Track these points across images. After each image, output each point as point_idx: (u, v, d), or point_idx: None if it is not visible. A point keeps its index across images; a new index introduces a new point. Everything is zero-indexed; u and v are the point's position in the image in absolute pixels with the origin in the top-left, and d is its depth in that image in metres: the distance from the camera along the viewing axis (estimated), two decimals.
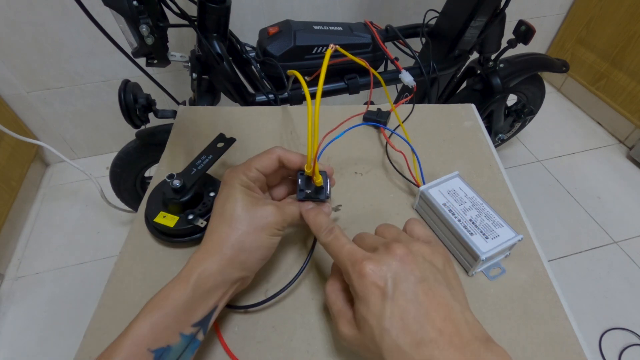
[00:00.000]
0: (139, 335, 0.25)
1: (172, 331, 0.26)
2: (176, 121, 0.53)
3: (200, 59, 0.75)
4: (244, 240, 0.29)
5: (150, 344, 0.25)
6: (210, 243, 0.30)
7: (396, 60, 0.85)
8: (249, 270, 0.31)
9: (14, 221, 1.18)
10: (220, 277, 0.28)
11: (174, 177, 0.37)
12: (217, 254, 0.29)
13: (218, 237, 0.30)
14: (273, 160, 0.34)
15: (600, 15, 1.47)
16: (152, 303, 0.27)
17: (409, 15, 1.33)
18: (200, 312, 0.28)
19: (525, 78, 1.11)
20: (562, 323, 0.33)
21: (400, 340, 0.23)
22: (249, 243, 0.30)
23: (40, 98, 1.22)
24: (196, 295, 0.27)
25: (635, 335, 0.98)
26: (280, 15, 1.20)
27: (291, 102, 0.85)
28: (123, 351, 0.24)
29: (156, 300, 0.27)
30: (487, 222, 0.37)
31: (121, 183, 1.01)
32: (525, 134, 1.52)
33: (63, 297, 1.06)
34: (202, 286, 0.28)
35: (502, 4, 0.88)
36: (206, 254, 0.29)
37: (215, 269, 0.28)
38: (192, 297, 0.27)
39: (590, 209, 1.27)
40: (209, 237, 0.30)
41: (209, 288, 0.28)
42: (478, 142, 0.50)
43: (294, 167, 0.34)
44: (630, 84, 1.40)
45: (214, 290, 0.28)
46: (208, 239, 0.30)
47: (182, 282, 0.27)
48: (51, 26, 1.07)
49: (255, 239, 0.30)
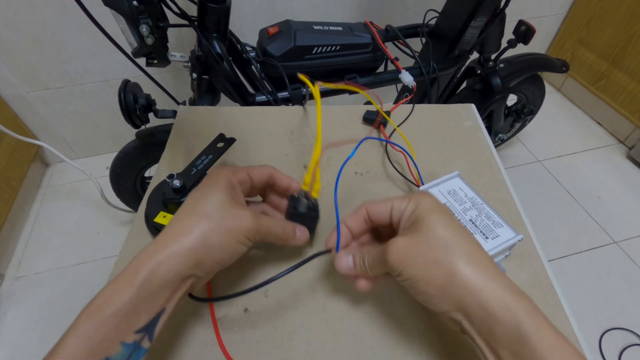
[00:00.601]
0: (71, 352, 0.22)
1: (112, 341, 0.23)
2: (176, 121, 0.53)
3: (200, 59, 0.75)
4: (209, 237, 0.27)
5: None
6: (168, 234, 0.27)
7: (396, 60, 0.85)
8: (203, 271, 0.28)
9: (14, 221, 1.18)
10: (171, 274, 0.25)
11: (174, 177, 0.37)
12: (174, 245, 0.26)
13: (180, 227, 0.27)
14: (264, 173, 0.33)
15: (600, 15, 1.47)
16: (88, 310, 0.23)
17: (409, 15, 1.33)
18: (145, 317, 0.25)
19: (525, 78, 1.11)
20: (562, 323, 0.33)
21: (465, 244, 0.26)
22: (213, 241, 0.27)
23: (40, 98, 1.22)
24: (141, 297, 0.24)
25: (635, 335, 0.98)
26: (280, 15, 1.20)
27: (291, 102, 0.85)
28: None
29: (93, 307, 0.24)
30: (487, 222, 0.37)
31: (121, 183, 1.01)
32: (525, 134, 1.52)
33: (63, 297, 1.06)
34: (149, 285, 0.25)
35: (502, 4, 0.88)
36: (160, 246, 0.26)
37: (168, 263, 0.25)
38: (137, 299, 0.24)
39: (590, 209, 1.27)
40: (167, 227, 0.28)
41: (157, 287, 0.25)
42: (478, 142, 0.50)
43: (281, 186, 0.34)
44: (630, 84, 1.40)
45: (162, 290, 0.25)
46: (166, 230, 0.27)
47: (125, 281, 0.24)
48: (51, 26, 1.07)
49: (220, 239, 0.28)
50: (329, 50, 0.84)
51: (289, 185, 0.34)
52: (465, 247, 0.26)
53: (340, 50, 0.85)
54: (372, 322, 0.33)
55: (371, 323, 0.33)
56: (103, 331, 0.23)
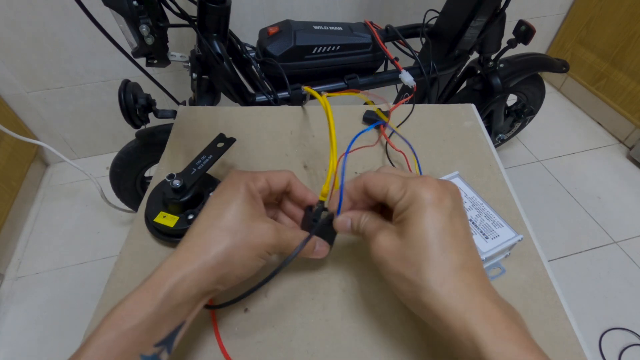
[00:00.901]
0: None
1: (131, 354, 0.23)
2: (176, 121, 0.53)
3: (200, 59, 0.75)
4: (233, 253, 0.27)
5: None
6: (191, 249, 0.26)
7: (396, 60, 0.85)
8: (224, 286, 0.28)
9: (14, 221, 1.18)
10: (195, 289, 0.25)
11: (174, 177, 0.37)
12: (198, 260, 0.25)
13: (205, 242, 0.26)
14: (283, 180, 0.32)
15: (600, 15, 1.47)
16: (109, 321, 0.23)
17: (409, 15, 1.33)
18: (166, 330, 0.24)
19: (525, 78, 1.11)
20: (562, 323, 0.33)
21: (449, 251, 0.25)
22: (236, 257, 0.27)
23: (40, 98, 1.22)
24: (163, 311, 0.24)
25: (635, 335, 0.98)
26: (280, 15, 1.20)
27: (291, 102, 0.85)
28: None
29: (114, 318, 0.23)
30: (487, 222, 0.37)
31: (121, 183, 1.01)
32: (525, 134, 1.52)
33: (63, 297, 1.06)
34: (171, 300, 0.24)
35: (502, 4, 0.88)
36: (183, 261, 0.25)
37: (193, 278, 0.25)
38: (159, 313, 0.24)
39: (590, 209, 1.27)
40: (193, 239, 0.27)
41: (180, 302, 0.25)
42: (478, 142, 0.50)
43: (297, 197, 0.34)
44: (630, 84, 1.40)
45: (184, 305, 0.25)
46: (192, 241, 0.27)
47: (148, 294, 0.24)
48: (51, 26, 1.07)
49: (243, 255, 0.27)
50: (329, 50, 0.84)
51: (304, 197, 0.34)
52: (445, 262, 0.24)
53: (340, 50, 0.85)
54: (372, 322, 0.33)
55: (371, 323, 0.33)
56: (123, 343, 0.23)
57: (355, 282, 0.36)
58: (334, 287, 0.36)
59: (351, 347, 0.32)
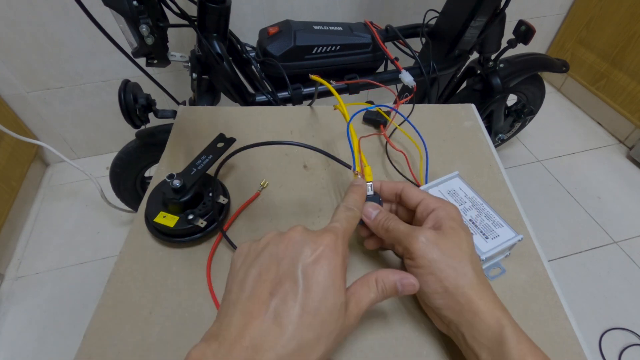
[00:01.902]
0: None
1: None
2: (176, 121, 0.53)
3: (200, 59, 0.75)
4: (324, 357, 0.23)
5: None
6: (291, 348, 0.21)
7: (396, 60, 0.85)
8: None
9: (14, 221, 1.18)
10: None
11: (174, 177, 0.37)
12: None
13: (308, 346, 0.21)
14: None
15: (600, 15, 1.47)
16: None
17: (409, 15, 1.33)
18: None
19: (525, 78, 1.11)
20: (562, 323, 0.33)
21: None
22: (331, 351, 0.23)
23: (40, 98, 1.22)
24: None
25: (635, 335, 0.98)
26: (280, 15, 1.20)
27: (291, 102, 0.85)
28: None
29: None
30: (487, 222, 0.37)
31: (121, 183, 1.01)
32: (525, 134, 1.52)
33: (63, 297, 1.06)
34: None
35: (502, 4, 0.88)
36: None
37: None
38: None
39: (590, 209, 1.27)
40: (289, 337, 0.21)
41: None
42: (478, 142, 0.50)
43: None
44: (630, 84, 1.40)
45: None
46: (287, 340, 0.21)
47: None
48: (51, 26, 1.07)
49: (327, 359, 0.23)
50: (329, 50, 0.84)
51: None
52: (475, 266, 0.29)
53: (340, 50, 0.85)
54: (372, 323, 0.33)
55: (371, 323, 0.33)
56: None
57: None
58: None
59: (351, 347, 0.32)
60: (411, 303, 0.34)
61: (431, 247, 0.29)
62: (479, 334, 0.27)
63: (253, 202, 0.43)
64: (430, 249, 0.29)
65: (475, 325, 0.27)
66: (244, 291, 0.23)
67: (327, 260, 0.23)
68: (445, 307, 0.28)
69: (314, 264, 0.23)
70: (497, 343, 0.26)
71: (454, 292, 0.28)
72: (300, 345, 0.21)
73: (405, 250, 0.30)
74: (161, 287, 0.35)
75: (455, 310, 0.28)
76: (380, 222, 0.32)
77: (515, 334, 0.26)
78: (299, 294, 0.22)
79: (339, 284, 0.23)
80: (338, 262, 0.24)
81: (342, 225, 0.27)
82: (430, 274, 0.29)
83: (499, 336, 0.26)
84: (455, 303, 0.28)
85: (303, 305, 0.22)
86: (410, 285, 0.27)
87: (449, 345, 0.31)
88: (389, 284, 0.27)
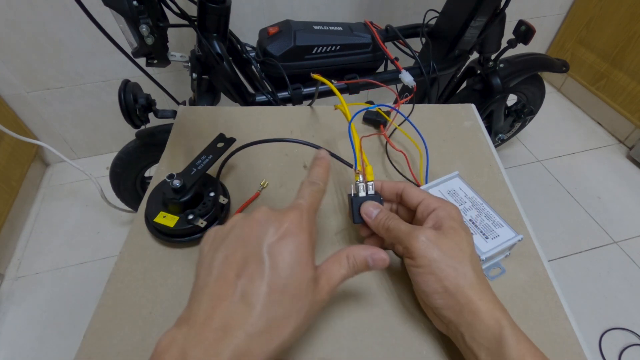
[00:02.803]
0: None
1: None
2: (176, 121, 0.53)
3: (200, 59, 0.75)
4: (295, 338, 0.23)
5: None
6: (260, 326, 0.21)
7: (396, 60, 0.85)
8: None
9: (14, 221, 1.18)
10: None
11: (174, 177, 0.37)
12: (265, 347, 0.21)
13: (278, 323, 0.22)
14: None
15: (600, 15, 1.47)
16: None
17: (409, 15, 1.33)
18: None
19: (525, 78, 1.11)
20: (562, 323, 0.33)
21: None
22: (295, 341, 0.23)
23: (40, 98, 1.22)
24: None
25: (635, 335, 0.98)
26: (280, 15, 1.20)
27: (291, 102, 0.85)
28: None
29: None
30: (487, 222, 0.37)
31: (121, 183, 1.01)
32: (525, 134, 1.52)
33: (63, 297, 1.06)
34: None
35: (502, 4, 0.88)
36: (252, 344, 0.21)
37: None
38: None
39: (590, 209, 1.27)
40: (257, 315, 0.21)
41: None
42: (478, 142, 0.50)
43: None
44: (630, 84, 1.40)
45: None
46: (256, 318, 0.21)
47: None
48: (51, 26, 1.07)
49: (299, 336, 0.23)
50: (329, 50, 0.84)
51: None
52: (475, 267, 0.29)
53: (340, 50, 0.85)
54: (372, 322, 0.33)
55: (371, 323, 0.33)
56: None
57: (355, 283, 0.36)
58: None
59: (351, 347, 0.32)
60: (411, 303, 0.34)
61: (431, 247, 0.29)
62: (478, 334, 0.27)
63: (253, 202, 0.43)
64: (431, 248, 0.29)
65: (474, 326, 0.27)
66: (211, 275, 0.23)
67: (292, 237, 0.24)
68: (445, 307, 0.28)
69: (279, 242, 0.23)
70: (496, 343, 0.26)
71: (453, 291, 0.28)
72: (269, 322, 0.21)
73: (405, 250, 0.31)
74: (161, 287, 0.35)
75: (454, 310, 0.28)
76: (381, 222, 0.32)
77: (515, 335, 0.26)
78: (265, 273, 0.22)
79: (305, 259, 0.24)
80: (304, 238, 0.24)
81: (306, 200, 0.27)
82: (430, 274, 0.29)
83: (498, 336, 0.26)
84: (455, 303, 0.28)
85: (270, 283, 0.22)
86: (381, 260, 0.28)
87: (448, 345, 0.31)
88: (360, 259, 0.27)
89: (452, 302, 0.28)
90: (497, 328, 0.26)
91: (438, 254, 0.29)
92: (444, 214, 0.31)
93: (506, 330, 0.26)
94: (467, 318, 0.27)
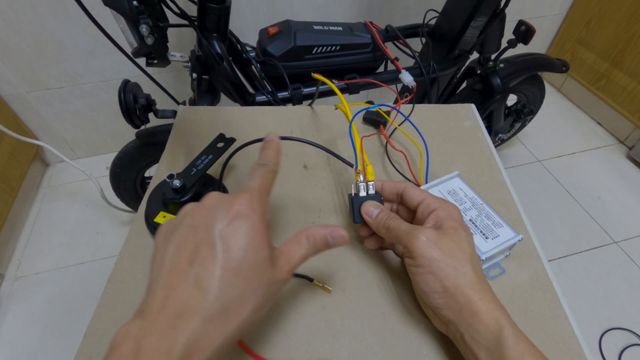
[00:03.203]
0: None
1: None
2: (176, 121, 0.53)
3: (200, 59, 0.75)
4: (256, 318, 0.23)
5: None
6: (216, 309, 0.21)
7: (396, 60, 0.85)
8: None
9: (14, 221, 1.18)
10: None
11: (174, 177, 0.37)
12: (222, 329, 0.21)
13: (234, 304, 0.22)
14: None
15: (600, 15, 1.47)
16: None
17: (409, 15, 1.33)
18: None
19: (525, 78, 1.11)
20: (562, 323, 0.33)
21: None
22: (256, 321, 0.23)
23: (40, 98, 1.22)
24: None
25: (635, 335, 0.98)
26: (280, 15, 1.20)
27: (291, 102, 0.85)
28: None
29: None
30: (487, 222, 0.37)
31: (121, 183, 1.01)
32: (525, 134, 1.52)
33: (63, 297, 1.06)
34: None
35: (502, 4, 0.88)
36: (208, 328, 0.21)
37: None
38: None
39: (590, 209, 1.27)
40: (212, 299, 0.21)
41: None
42: (478, 142, 0.50)
43: None
44: (630, 84, 1.40)
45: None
46: (211, 302, 0.21)
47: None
48: (51, 26, 1.07)
49: (260, 316, 0.24)
50: (329, 50, 0.84)
51: None
52: (475, 266, 0.29)
53: (340, 50, 0.85)
54: (372, 322, 0.33)
55: (371, 323, 0.33)
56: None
57: (355, 283, 0.36)
58: (334, 287, 0.36)
59: (351, 347, 0.32)
60: (411, 303, 0.34)
61: (431, 246, 0.29)
62: (478, 334, 0.27)
63: None
64: (431, 248, 0.29)
65: (474, 325, 0.27)
66: (164, 267, 0.23)
67: (244, 218, 0.23)
68: (445, 307, 0.28)
69: (230, 225, 0.23)
70: (496, 343, 0.26)
71: (453, 291, 0.28)
72: (225, 304, 0.21)
73: (405, 249, 0.31)
74: None
75: (454, 309, 0.28)
76: (381, 221, 0.33)
77: (514, 334, 0.26)
78: (217, 257, 0.22)
79: (259, 239, 0.23)
80: (255, 219, 0.24)
81: (256, 182, 0.26)
82: (430, 273, 0.29)
83: (498, 336, 0.26)
84: (455, 302, 0.28)
85: (223, 266, 0.22)
86: (340, 237, 0.27)
87: (448, 345, 0.31)
88: (320, 238, 0.27)
89: (451, 302, 0.28)
90: (497, 328, 0.26)
91: (438, 254, 0.29)
92: (444, 213, 0.31)
93: (506, 330, 0.26)
94: (466, 318, 0.27)
